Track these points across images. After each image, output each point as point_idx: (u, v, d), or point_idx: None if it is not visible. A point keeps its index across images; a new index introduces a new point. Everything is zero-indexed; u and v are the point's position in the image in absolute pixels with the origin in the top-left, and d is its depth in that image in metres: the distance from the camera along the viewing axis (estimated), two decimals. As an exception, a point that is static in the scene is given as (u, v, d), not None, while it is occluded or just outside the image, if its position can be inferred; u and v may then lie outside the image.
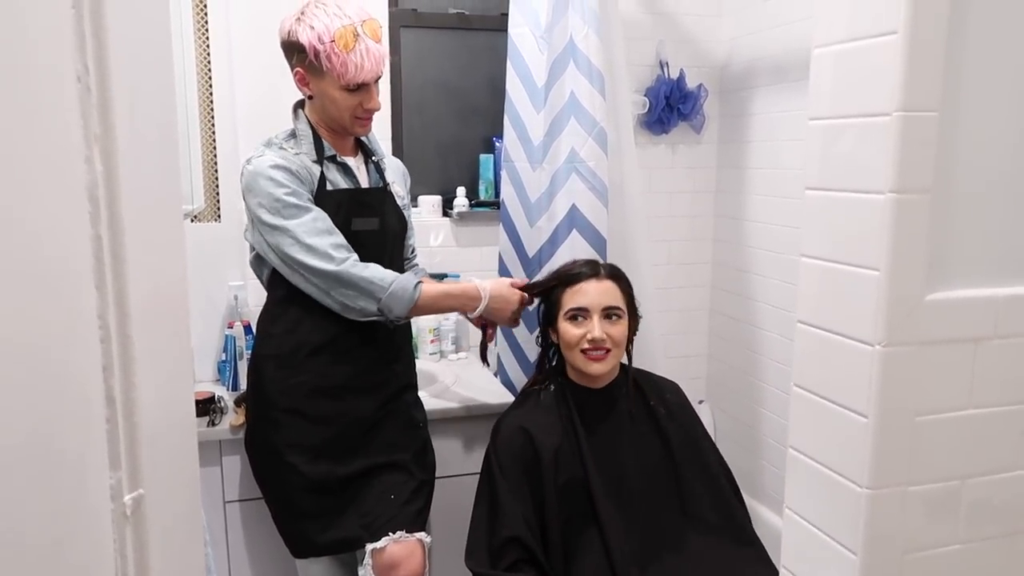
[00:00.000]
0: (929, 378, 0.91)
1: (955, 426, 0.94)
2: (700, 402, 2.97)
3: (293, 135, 1.65)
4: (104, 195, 0.57)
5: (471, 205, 2.58)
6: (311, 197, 1.60)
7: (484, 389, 2.17)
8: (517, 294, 1.74)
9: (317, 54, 1.52)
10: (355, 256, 1.60)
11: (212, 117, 2.22)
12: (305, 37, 1.52)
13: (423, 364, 2.45)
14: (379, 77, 1.60)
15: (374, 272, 1.58)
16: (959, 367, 0.93)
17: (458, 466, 2.05)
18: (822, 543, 0.99)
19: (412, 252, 1.94)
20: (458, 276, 2.58)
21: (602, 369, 1.64)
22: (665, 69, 2.67)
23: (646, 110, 2.66)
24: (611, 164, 2.12)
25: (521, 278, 1.83)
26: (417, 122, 2.63)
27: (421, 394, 1.95)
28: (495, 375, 2.36)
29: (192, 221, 2.28)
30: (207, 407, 1.95)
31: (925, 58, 0.83)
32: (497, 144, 2.54)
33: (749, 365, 2.71)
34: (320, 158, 1.63)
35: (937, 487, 0.95)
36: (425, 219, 2.55)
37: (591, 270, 1.67)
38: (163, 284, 0.68)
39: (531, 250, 2.15)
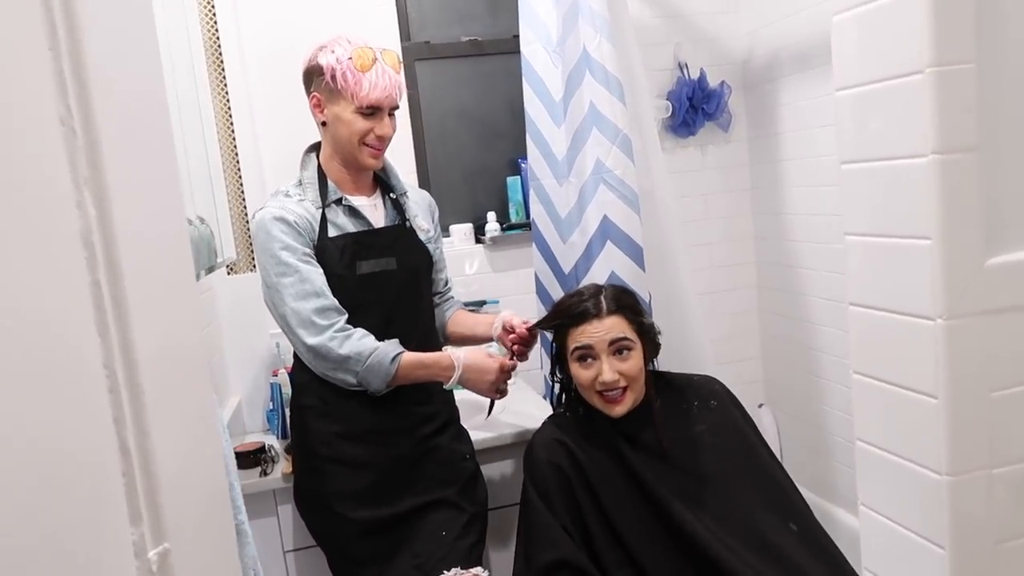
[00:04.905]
0: (1000, 349, 0.84)
1: (1036, 399, 0.87)
2: (760, 406, 2.87)
3: (301, 183, 1.65)
4: (100, 240, 0.55)
5: (503, 229, 2.55)
6: (309, 250, 1.59)
7: (533, 415, 2.11)
8: (495, 364, 1.67)
9: (334, 74, 1.55)
10: (342, 320, 1.58)
11: (238, 168, 2.24)
12: (325, 60, 1.56)
13: (470, 393, 2.40)
14: (394, 106, 1.60)
15: (353, 346, 1.56)
16: (1033, 334, 0.86)
17: (512, 495, 1.99)
18: (905, 539, 0.92)
19: (445, 285, 1.91)
20: (497, 302, 2.55)
21: (623, 410, 1.56)
22: (685, 71, 2.63)
23: (670, 114, 2.61)
24: (639, 171, 2.07)
25: (506, 350, 1.75)
26: (441, 152, 2.62)
27: (468, 424, 1.92)
28: (544, 398, 2.31)
29: (229, 273, 2.30)
30: (257, 457, 1.94)
31: (954, 5, 0.78)
32: (523, 165, 2.52)
33: (807, 363, 2.61)
34: (324, 203, 1.62)
35: (1025, 467, 0.88)
36: (458, 248, 2.53)
37: (593, 307, 1.57)
38: (174, 329, 0.66)
39: (567, 266, 2.11)
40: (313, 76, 1.60)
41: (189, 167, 1.47)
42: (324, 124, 1.63)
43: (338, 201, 1.64)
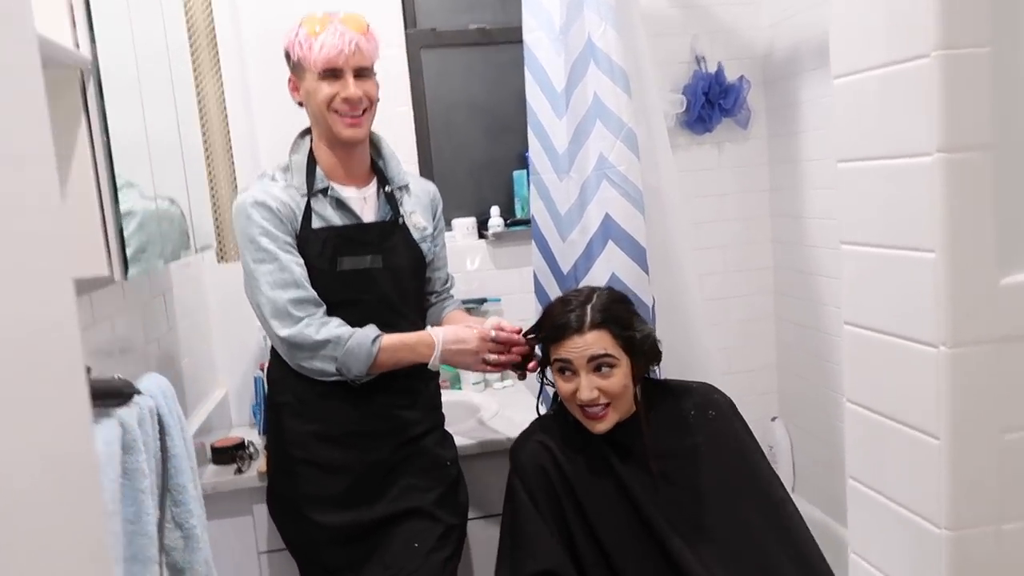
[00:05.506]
0: (1013, 383, 0.72)
1: (1056, 442, 0.74)
2: (773, 419, 2.74)
3: (288, 167, 1.57)
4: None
5: (507, 224, 2.45)
6: (291, 239, 1.52)
7: (526, 420, 2.01)
8: (474, 334, 1.56)
9: (293, 48, 1.51)
10: (319, 312, 1.50)
11: (230, 150, 2.16)
12: (287, 40, 1.53)
13: (465, 395, 2.32)
14: (358, 66, 1.51)
15: (330, 331, 1.48)
16: (1054, 367, 0.73)
17: (499, 505, 1.89)
18: (897, 595, 0.80)
19: (444, 284, 1.81)
20: (498, 300, 2.46)
21: (605, 427, 1.46)
22: (702, 64, 2.50)
23: (684, 108, 2.49)
24: (645, 168, 1.95)
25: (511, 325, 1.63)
26: (446, 144, 2.53)
27: (460, 428, 1.82)
28: (539, 398, 2.21)
29: (219, 261, 2.22)
30: (233, 454, 1.86)
31: (968, -23, 0.66)
32: (529, 158, 2.42)
33: (823, 375, 2.47)
34: (310, 191, 1.54)
35: (1039, 521, 0.75)
36: (459, 243, 2.44)
37: (576, 320, 1.46)
38: (29, 333, 0.56)
39: (565, 266, 2.00)
40: (288, 62, 1.56)
41: (149, 143, 1.38)
42: (301, 105, 1.57)
43: (324, 191, 1.56)
